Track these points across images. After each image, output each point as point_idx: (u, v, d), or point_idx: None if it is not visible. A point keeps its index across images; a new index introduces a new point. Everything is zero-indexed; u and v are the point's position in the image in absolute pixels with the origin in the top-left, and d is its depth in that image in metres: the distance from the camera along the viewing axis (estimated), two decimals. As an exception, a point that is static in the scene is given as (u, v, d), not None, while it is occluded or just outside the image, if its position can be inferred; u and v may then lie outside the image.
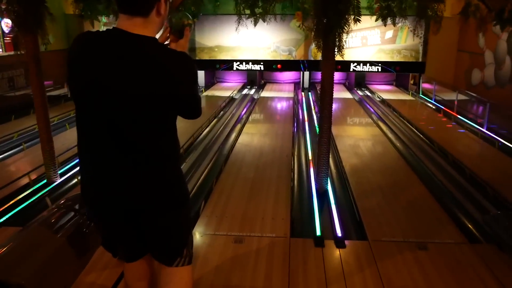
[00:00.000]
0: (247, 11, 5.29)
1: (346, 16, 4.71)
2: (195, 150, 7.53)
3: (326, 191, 5.41)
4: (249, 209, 4.99)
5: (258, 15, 5.36)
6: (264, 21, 5.48)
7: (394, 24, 5.48)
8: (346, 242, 4.15)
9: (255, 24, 5.51)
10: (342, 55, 4.94)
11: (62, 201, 3.83)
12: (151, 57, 1.77)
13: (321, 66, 5.13)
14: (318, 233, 4.34)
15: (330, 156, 5.71)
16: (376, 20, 5.60)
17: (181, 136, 2.09)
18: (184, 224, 2.18)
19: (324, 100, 5.13)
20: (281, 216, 4.77)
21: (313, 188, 5.51)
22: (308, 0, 5.69)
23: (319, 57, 5.19)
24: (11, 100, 10.71)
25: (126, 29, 1.79)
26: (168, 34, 2.05)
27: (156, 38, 1.87)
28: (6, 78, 10.63)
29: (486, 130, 8.67)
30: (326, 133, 5.24)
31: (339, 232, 4.36)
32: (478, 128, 8.87)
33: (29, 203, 5.26)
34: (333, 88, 5.13)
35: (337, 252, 3.99)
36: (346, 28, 4.73)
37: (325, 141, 5.26)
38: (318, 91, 10.96)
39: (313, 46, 5.12)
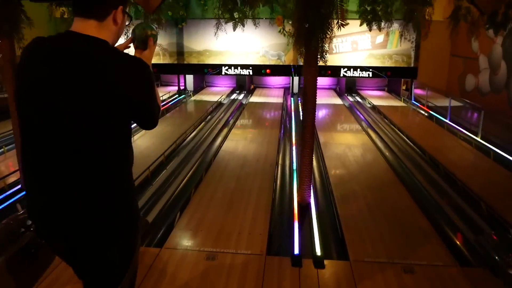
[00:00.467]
0: (227, 16, 5.00)
1: (330, 21, 4.44)
2: (177, 156, 7.25)
3: (309, 205, 5.12)
4: (226, 222, 4.70)
5: (237, 19, 5.07)
6: (243, 25, 5.20)
7: (379, 29, 5.21)
8: (326, 262, 3.85)
9: (234, 29, 5.24)
10: (325, 62, 4.67)
11: (16, 215, 3.57)
12: (99, 60, 1.65)
13: (303, 72, 4.85)
14: (296, 251, 4.03)
15: (316, 165, 5.45)
16: (361, 25, 5.32)
17: (164, 142, 1.89)
18: (121, 263, 1.89)
19: (307, 108, 4.85)
20: (258, 231, 4.48)
21: (295, 201, 5.21)
22: (290, 4, 5.40)
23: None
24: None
25: (79, 32, 1.70)
26: (129, 44, 2.02)
27: (107, 42, 1.74)
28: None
29: (480, 139, 8.40)
30: (309, 143, 4.95)
31: (318, 251, 4.06)
32: (471, 137, 8.59)
33: (1, 209, 5.07)
34: (316, 96, 4.84)
35: (315, 272, 3.68)
36: (329, 33, 4.46)
37: (307, 152, 4.97)
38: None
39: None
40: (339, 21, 4.50)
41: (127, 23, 1.90)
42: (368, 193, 5.66)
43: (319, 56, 4.60)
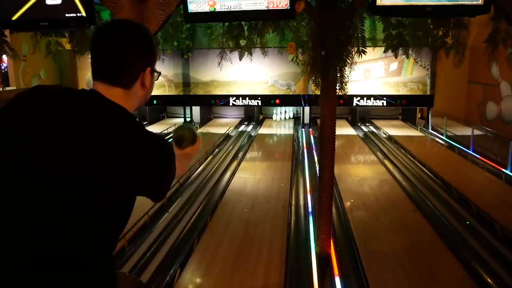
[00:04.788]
0: (231, 44, 4.47)
1: (349, 47, 3.89)
2: (181, 197, 6.62)
3: (329, 257, 4.46)
4: (233, 281, 4.06)
5: (243, 48, 4.54)
6: (250, 54, 4.67)
7: (407, 56, 4.66)
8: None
9: (240, 58, 4.70)
10: (345, 93, 4.09)
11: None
12: (116, 129, 1.32)
13: (320, 106, 4.27)
14: (319, 321, 3.38)
15: (333, 205, 4.85)
16: (385, 51, 4.76)
17: None
18: None
19: (325, 147, 4.24)
20: (272, 294, 3.82)
21: (313, 253, 4.55)
22: (303, 31, 4.87)
23: (319, 91, 4.34)
24: None
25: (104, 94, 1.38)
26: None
27: (133, 115, 1.40)
28: None
29: (510, 172, 7.69)
30: (328, 186, 4.33)
31: (345, 321, 3.39)
32: (500, 170, 7.86)
33: None
34: (335, 132, 4.25)
35: None
36: (349, 60, 3.90)
37: (326, 197, 4.34)
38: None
39: (313, 80, 4.28)
40: (360, 47, 3.95)
41: (156, 80, 1.55)
42: (396, 241, 4.98)
43: (338, 87, 4.03)
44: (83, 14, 4.12)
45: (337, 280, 4.05)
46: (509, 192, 6.92)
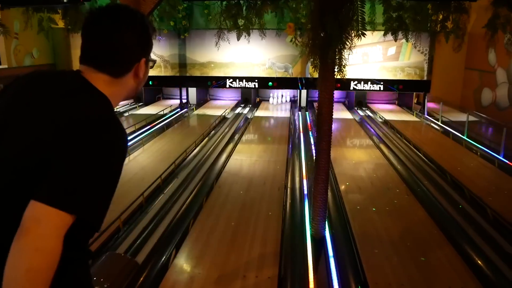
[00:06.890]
0: (230, 23, 4.43)
1: (348, 29, 3.86)
2: (177, 178, 6.62)
3: (324, 238, 4.50)
4: (228, 262, 4.08)
5: (241, 27, 4.50)
6: (248, 34, 4.63)
7: (407, 39, 4.64)
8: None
9: (238, 38, 4.67)
10: (343, 75, 4.08)
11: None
12: (73, 114, 1.20)
13: (318, 88, 4.26)
14: (312, 301, 3.43)
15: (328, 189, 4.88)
16: (385, 34, 4.74)
17: (162, 162, 1.34)
18: None
19: (322, 129, 4.24)
20: (267, 273, 3.87)
21: (308, 234, 4.59)
22: (302, 12, 4.84)
23: (317, 74, 4.34)
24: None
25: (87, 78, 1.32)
26: None
27: (108, 100, 1.29)
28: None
29: (503, 157, 7.75)
30: (324, 168, 4.34)
31: (339, 300, 3.44)
32: (494, 156, 7.92)
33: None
34: (332, 115, 4.25)
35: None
36: (348, 43, 3.88)
37: (322, 179, 4.36)
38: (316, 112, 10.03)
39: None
40: (360, 30, 3.92)
41: (150, 68, 1.47)
42: (389, 223, 5.03)
43: (336, 70, 4.02)
44: (79, -9, 4.07)
45: (332, 261, 4.09)
46: (501, 178, 6.98)
